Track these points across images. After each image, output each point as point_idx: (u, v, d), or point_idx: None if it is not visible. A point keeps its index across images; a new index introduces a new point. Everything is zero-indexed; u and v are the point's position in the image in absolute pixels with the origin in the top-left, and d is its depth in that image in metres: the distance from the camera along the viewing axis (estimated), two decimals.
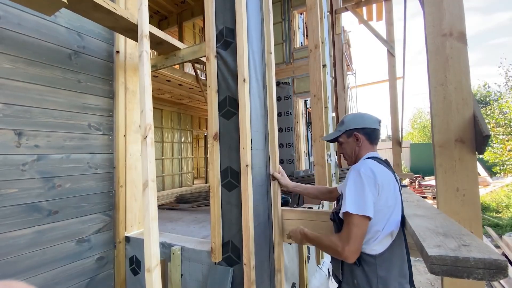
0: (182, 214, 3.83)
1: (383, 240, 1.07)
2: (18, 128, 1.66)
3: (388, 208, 1.06)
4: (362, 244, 1.05)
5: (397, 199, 1.10)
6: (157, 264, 1.24)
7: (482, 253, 0.62)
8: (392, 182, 1.10)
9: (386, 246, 1.07)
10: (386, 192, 1.05)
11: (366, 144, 1.26)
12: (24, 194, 1.67)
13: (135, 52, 2.38)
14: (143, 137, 1.34)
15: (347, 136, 1.31)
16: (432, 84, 1.39)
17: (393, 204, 1.07)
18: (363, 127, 1.26)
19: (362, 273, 1.08)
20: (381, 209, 1.05)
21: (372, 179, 1.05)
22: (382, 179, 1.06)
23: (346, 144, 1.32)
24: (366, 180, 1.05)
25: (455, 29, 1.40)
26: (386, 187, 1.06)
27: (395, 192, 1.09)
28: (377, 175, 1.05)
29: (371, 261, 1.06)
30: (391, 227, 1.07)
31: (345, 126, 1.32)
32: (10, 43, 1.63)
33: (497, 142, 8.85)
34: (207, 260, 1.79)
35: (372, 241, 1.07)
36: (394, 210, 1.08)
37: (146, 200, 1.27)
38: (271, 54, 1.93)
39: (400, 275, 1.05)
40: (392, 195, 1.07)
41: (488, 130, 1.24)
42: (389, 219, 1.06)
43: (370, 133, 1.26)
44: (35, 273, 1.69)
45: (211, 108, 1.78)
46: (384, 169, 1.13)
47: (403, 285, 1.05)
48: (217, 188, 1.74)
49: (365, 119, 1.28)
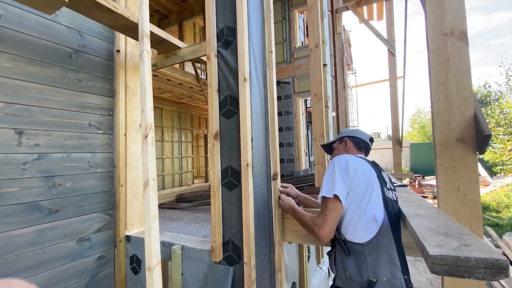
0: (182, 213, 3.83)
1: (366, 225, 1.11)
2: (19, 127, 1.66)
3: (363, 191, 1.13)
4: (349, 234, 1.14)
5: (373, 186, 1.16)
6: (157, 263, 1.24)
7: (483, 252, 0.62)
8: (367, 170, 1.19)
9: (373, 234, 1.10)
10: (358, 177, 1.15)
11: (353, 149, 1.42)
12: (24, 193, 1.67)
13: (135, 51, 2.37)
14: (143, 136, 1.34)
15: (339, 142, 1.50)
16: (433, 83, 1.39)
17: (365, 189, 1.14)
18: (353, 136, 1.45)
19: (352, 263, 1.11)
20: (356, 191, 1.14)
21: (343, 166, 1.17)
22: (354, 166, 1.16)
23: (337, 150, 1.51)
24: (338, 167, 1.17)
25: (457, 28, 1.39)
26: (359, 173, 1.15)
27: (371, 179, 1.16)
28: (349, 162, 1.17)
29: (359, 249, 1.10)
30: (372, 211, 1.11)
31: (340, 135, 1.52)
32: (11, 42, 1.63)
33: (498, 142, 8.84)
34: (207, 259, 1.79)
35: (356, 227, 1.12)
36: (372, 195, 1.14)
37: (147, 199, 1.27)
38: (272, 53, 1.92)
39: (390, 263, 1.07)
40: (364, 180, 1.15)
41: (489, 129, 1.24)
42: (368, 202, 1.13)
43: (359, 142, 1.43)
44: (36, 272, 1.69)
45: (211, 107, 1.78)
46: (361, 160, 1.23)
47: (395, 274, 1.06)
48: (217, 187, 1.74)
49: (358, 132, 1.47)
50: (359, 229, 1.12)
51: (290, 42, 5.18)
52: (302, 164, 5.10)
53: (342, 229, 1.18)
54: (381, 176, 1.23)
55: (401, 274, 1.06)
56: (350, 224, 1.14)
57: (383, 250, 1.08)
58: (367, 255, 1.08)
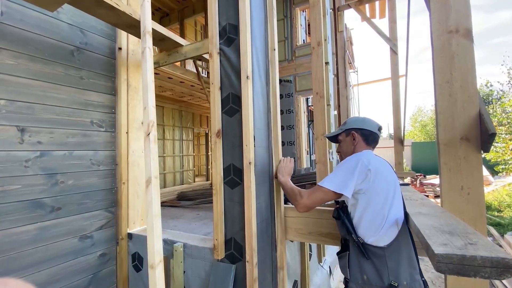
0: (183, 212, 3.83)
1: (389, 229, 1.08)
2: (21, 125, 1.66)
3: (385, 194, 1.11)
4: (370, 237, 1.11)
5: (395, 188, 1.14)
6: (160, 261, 1.24)
7: (489, 251, 0.62)
8: (390, 172, 1.18)
9: (393, 237, 1.08)
10: (380, 179, 1.13)
11: (362, 143, 1.35)
12: (27, 190, 1.67)
13: (137, 48, 2.37)
14: (146, 134, 1.34)
15: (345, 135, 1.40)
16: (438, 81, 1.38)
17: (388, 191, 1.12)
18: (361, 128, 1.35)
19: (371, 267, 1.08)
20: (376, 194, 1.11)
21: (365, 164, 1.14)
22: (376, 166, 1.14)
23: (344, 143, 1.41)
24: (360, 165, 1.14)
25: (461, 26, 1.38)
26: (381, 175, 1.13)
27: (392, 182, 1.15)
28: (371, 162, 1.15)
29: (380, 253, 1.07)
30: (395, 214, 1.09)
31: (346, 126, 1.41)
32: (13, 39, 1.63)
33: (500, 141, 8.79)
34: (209, 257, 1.79)
35: (379, 230, 1.09)
36: (395, 197, 1.12)
37: (149, 197, 1.27)
38: (275, 51, 1.91)
39: (410, 266, 1.05)
40: (386, 183, 1.13)
41: (494, 128, 1.23)
42: (392, 205, 1.10)
43: (368, 135, 1.35)
44: (38, 269, 1.70)
45: (214, 105, 1.78)
46: (381, 160, 1.23)
47: (414, 276, 1.04)
48: (220, 185, 1.74)
49: (365, 122, 1.37)
50: (381, 233, 1.08)
51: (292, 40, 5.16)
52: (303, 163, 5.10)
53: (360, 232, 1.14)
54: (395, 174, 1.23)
55: (419, 276, 1.05)
56: (370, 227, 1.11)
57: (403, 252, 1.06)
58: (388, 258, 1.05)
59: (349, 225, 1.18)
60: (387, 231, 1.08)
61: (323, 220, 1.70)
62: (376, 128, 1.36)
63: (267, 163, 1.85)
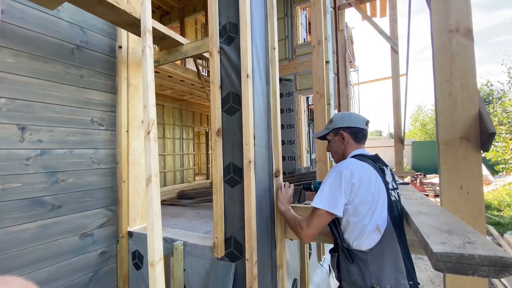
0: (183, 210, 3.84)
1: (370, 235, 1.10)
2: (21, 123, 1.66)
3: (369, 204, 1.10)
4: (353, 242, 1.13)
5: (379, 196, 1.12)
6: (160, 259, 1.24)
7: (487, 250, 0.62)
8: (373, 178, 1.14)
9: (375, 242, 1.09)
10: (363, 189, 1.10)
11: (351, 142, 1.32)
12: (28, 189, 1.68)
13: (137, 47, 2.37)
14: (146, 133, 1.34)
15: (334, 135, 1.37)
16: (438, 81, 1.38)
17: (371, 200, 1.11)
18: (349, 126, 1.32)
19: (357, 270, 1.11)
20: (360, 203, 1.10)
21: (347, 179, 1.11)
22: (359, 177, 1.11)
23: (333, 142, 1.39)
24: (343, 180, 1.11)
25: (462, 25, 1.38)
26: (364, 184, 1.11)
27: (376, 189, 1.13)
28: (354, 174, 1.12)
29: (363, 257, 1.10)
30: (376, 221, 1.10)
31: (333, 124, 1.38)
32: (13, 37, 1.63)
33: (500, 140, 8.79)
34: (209, 255, 1.80)
35: (361, 236, 1.11)
36: (378, 205, 1.11)
37: (150, 195, 1.28)
38: (275, 50, 1.91)
39: (395, 270, 1.06)
40: (369, 192, 1.11)
41: (494, 127, 1.23)
42: (373, 214, 1.10)
43: (356, 133, 1.32)
44: (39, 267, 1.70)
45: (214, 104, 1.78)
46: (365, 167, 1.17)
47: (399, 280, 1.05)
48: (220, 184, 1.74)
49: (352, 119, 1.34)
50: (363, 238, 1.11)
51: (292, 39, 5.15)
52: (303, 162, 5.10)
53: (346, 237, 1.17)
54: (384, 178, 1.20)
55: (406, 280, 1.06)
56: (353, 232, 1.13)
57: (387, 256, 1.07)
58: (370, 262, 1.07)
59: (334, 230, 1.21)
60: (368, 236, 1.10)
61: None
62: (364, 123, 1.34)
63: (267, 162, 1.85)
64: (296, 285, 2.44)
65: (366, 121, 1.35)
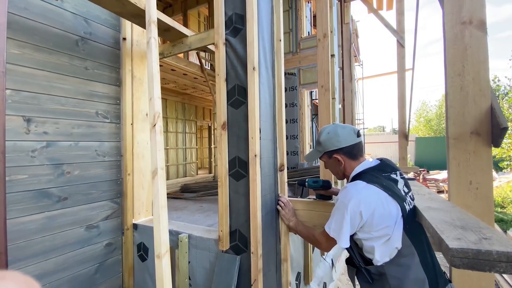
0: (186, 203, 3.86)
1: (387, 254, 1.09)
2: (27, 115, 1.66)
3: (384, 229, 1.07)
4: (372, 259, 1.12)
5: (396, 222, 1.07)
6: (166, 251, 1.25)
7: (504, 246, 0.61)
8: (384, 203, 1.07)
9: (391, 256, 1.07)
10: (376, 218, 1.05)
11: (349, 162, 1.25)
12: (34, 180, 1.68)
13: (141, 39, 2.34)
14: (152, 125, 1.33)
15: (328, 157, 1.31)
16: (449, 74, 1.35)
17: (386, 226, 1.06)
18: (340, 147, 1.24)
19: (376, 283, 1.13)
20: (374, 228, 1.07)
21: (356, 210, 1.06)
22: (372, 208, 1.05)
23: (329, 164, 1.34)
24: (350, 210, 1.07)
25: (475, 17, 1.34)
26: (378, 214, 1.05)
27: (391, 216, 1.06)
28: (361, 203, 1.06)
29: (381, 271, 1.10)
30: (394, 244, 1.07)
31: (322, 147, 1.31)
32: (17, 28, 1.61)
33: (506, 137, 8.71)
34: (214, 248, 1.81)
35: (382, 257, 1.09)
36: (394, 231, 1.06)
37: (156, 188, 1.27)
38: (281, 41, 1.88)
39: (415, 283, 1.04)
40: (383, 220, 1.06)
41: (506, 122, 1.20)
42: (390, 238, 1.07)
43: (350, 151, 1.24)
44: (46, 258, 1.72)
45: (219, 97, 1.76)
46: (373, 193, 1.08)
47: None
48: (225, 177, 1.73)
49: (340, 138, 1.24)
50: (380, 258, 1.09)
51: (297, 32, 5.07)
52: None
53: (365, 256, 1.15)
54: (396, 186, 1.14)
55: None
56: (370, 252, 1.12)
57: (405, 270, 1.06)
58: (389, 276, 1.06)
59: (351, 251, 1.22)
60: (385, 256, 1.10)
61: (328, 214, 1.70)
62: (355, 136, 1.25)
63: (272, 156, 1.84)
64: (299, 279, 2.45)
65: (356, 132, 1.27)
